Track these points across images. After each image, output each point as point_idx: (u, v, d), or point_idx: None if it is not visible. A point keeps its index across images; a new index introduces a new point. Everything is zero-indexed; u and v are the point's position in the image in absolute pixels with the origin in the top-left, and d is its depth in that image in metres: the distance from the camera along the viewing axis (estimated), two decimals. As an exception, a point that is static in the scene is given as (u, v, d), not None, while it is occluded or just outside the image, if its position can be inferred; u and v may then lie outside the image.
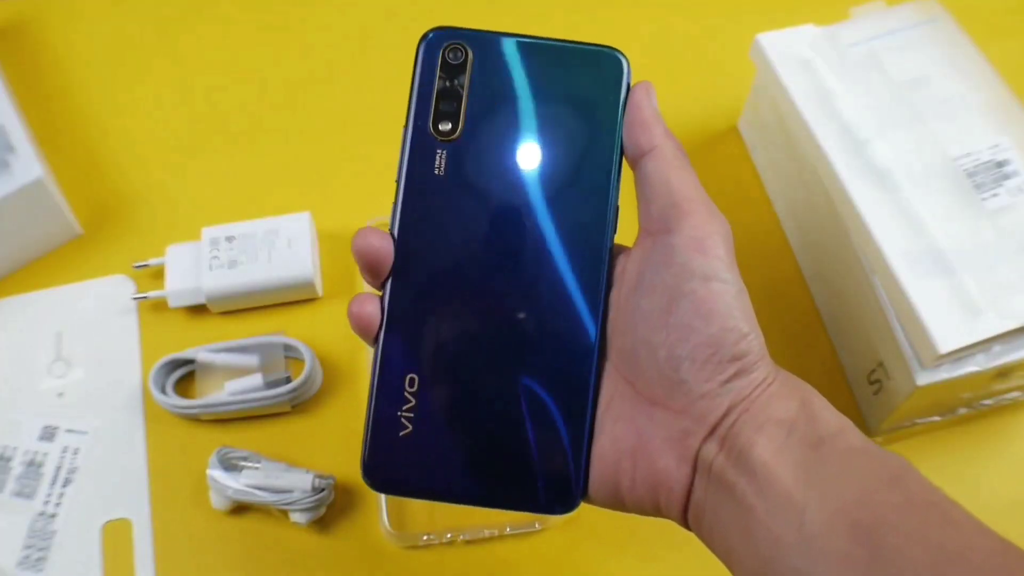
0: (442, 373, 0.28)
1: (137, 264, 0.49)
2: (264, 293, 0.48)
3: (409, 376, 0.28)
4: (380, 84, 0.57)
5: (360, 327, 0.28)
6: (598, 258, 0.29)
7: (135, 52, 0.59)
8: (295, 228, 0.48)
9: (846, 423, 0.26)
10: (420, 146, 0.29)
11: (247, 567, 0.42)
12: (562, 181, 0.29)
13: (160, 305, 0.49)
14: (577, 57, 0.29)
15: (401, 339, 0.28)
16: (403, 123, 0.29)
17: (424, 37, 0.29)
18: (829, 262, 0.47)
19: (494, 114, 0.29)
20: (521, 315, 0.28)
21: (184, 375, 0.47)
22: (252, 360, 0.46)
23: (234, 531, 0.43)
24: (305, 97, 0.57)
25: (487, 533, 0.43)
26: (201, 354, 0.46)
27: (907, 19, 0.47)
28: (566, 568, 0.43)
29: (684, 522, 0.27)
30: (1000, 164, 0.42)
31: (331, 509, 0.43)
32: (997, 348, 0.39)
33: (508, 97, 0.29)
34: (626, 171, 0.29)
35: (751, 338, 0.26)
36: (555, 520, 0.43)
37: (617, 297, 0.29)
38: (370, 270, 0.28)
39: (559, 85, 0.29)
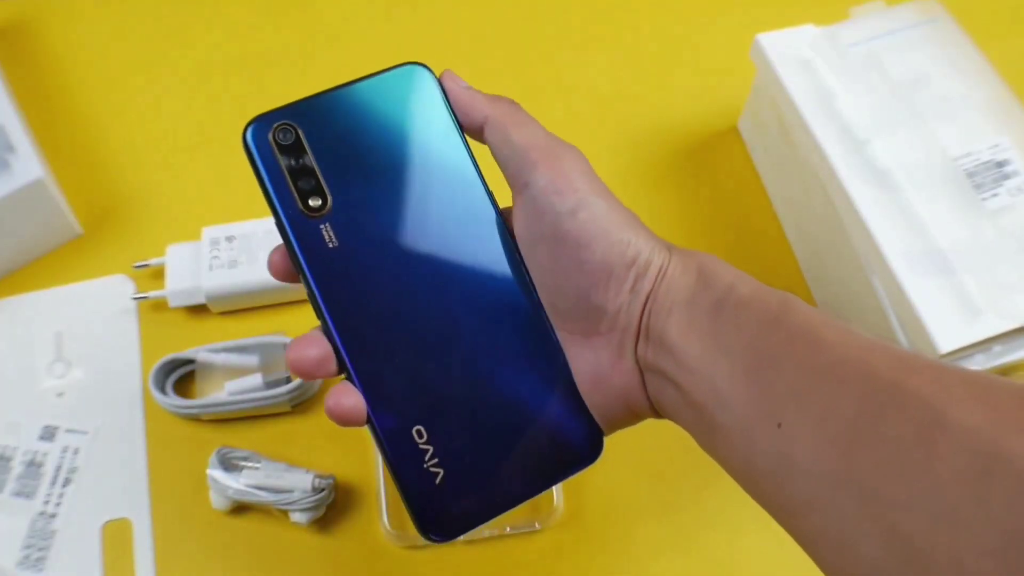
0: (442, 410, 0.29)
1: (137, 264, 0.49)
2: (264, 293, 0.48)
3: (416, 429, 0.29)
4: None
5: (344, 419, 0.28)
6: (504, 238, 0.30)
7: (135, 52, 0.59)
8: (295, 228, 0.48)
9: (736, 276, 0.28)
10: (302, 231, 0.29)
11: (247, 567, 0.42)
12: (439, 193, 0.30)
13: (160, 305, 0.49)
14: (387, 84, 0.31)
15: (391, 405, 0.29)
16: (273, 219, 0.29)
17: (245, 132, 0.30)
18: (829, 262, 0.47)
19: (351, 169, 0.30)
20: (475, 325, 0.30)
21: (184, 375, 0.47)
22: (252, 360, 0.46)
23: (234, 531, 0.43)
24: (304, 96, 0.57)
25: (486, 533, 0.43)
26: (201, 354, 0.46)
27: (907, 19, 0.47)
28: (566, 568, 0.43)
29: (657, 416, 0.30)
30: (1000, 164, 0.42)
31: (331, 509, 0.43)
32: (997, 348, 0.39)
33: (353, 149, 0.30)
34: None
35: (633, 242, 0.28)
36: (555, 519, 0.43)
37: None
38: (326, 376, 0.29)
39: (388, 116, 0.30)
